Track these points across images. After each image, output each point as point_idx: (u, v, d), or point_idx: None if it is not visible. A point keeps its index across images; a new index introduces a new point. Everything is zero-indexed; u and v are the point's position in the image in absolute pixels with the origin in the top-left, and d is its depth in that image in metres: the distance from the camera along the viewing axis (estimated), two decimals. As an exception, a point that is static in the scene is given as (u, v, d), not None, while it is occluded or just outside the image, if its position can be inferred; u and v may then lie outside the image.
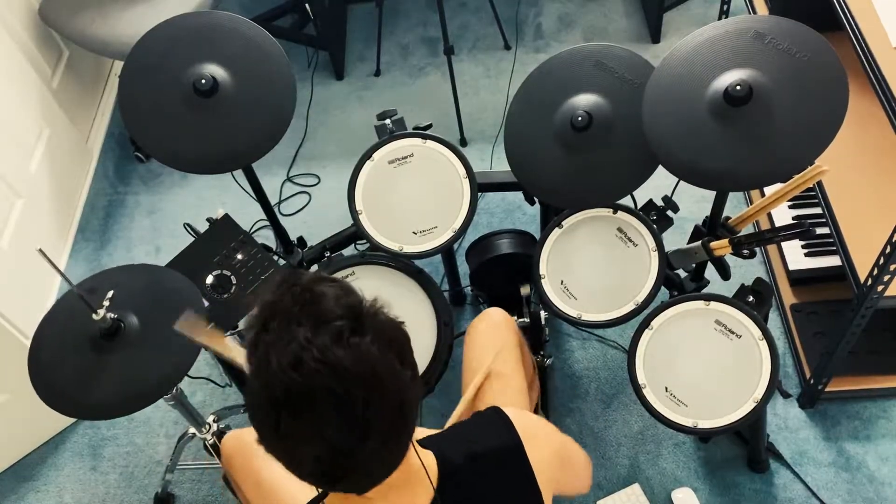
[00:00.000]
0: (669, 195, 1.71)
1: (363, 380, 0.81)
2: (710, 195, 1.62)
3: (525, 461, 1.06)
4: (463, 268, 2.21)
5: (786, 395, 2.04)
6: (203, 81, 1.60)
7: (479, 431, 1.10)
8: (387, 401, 0.84)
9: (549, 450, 1.12)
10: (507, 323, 1.60)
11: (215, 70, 1.63)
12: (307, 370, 0.79)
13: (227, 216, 1.78)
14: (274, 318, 0.83)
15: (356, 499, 0.95)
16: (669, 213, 1.71)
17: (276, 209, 2.11)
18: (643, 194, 1.72)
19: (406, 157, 1.76)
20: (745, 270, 2.21)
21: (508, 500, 1.07)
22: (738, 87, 1.37)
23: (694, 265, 1.74)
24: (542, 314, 1.80)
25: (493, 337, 1.55)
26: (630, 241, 1.65)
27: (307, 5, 2.76)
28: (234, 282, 1.71)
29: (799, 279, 2.10)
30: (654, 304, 1.61)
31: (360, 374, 0.81)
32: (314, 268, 1.97)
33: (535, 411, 1.78)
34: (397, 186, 1.75)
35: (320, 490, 0.99)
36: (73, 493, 2.10)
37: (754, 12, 2.17)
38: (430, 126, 1.81)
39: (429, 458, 1.01)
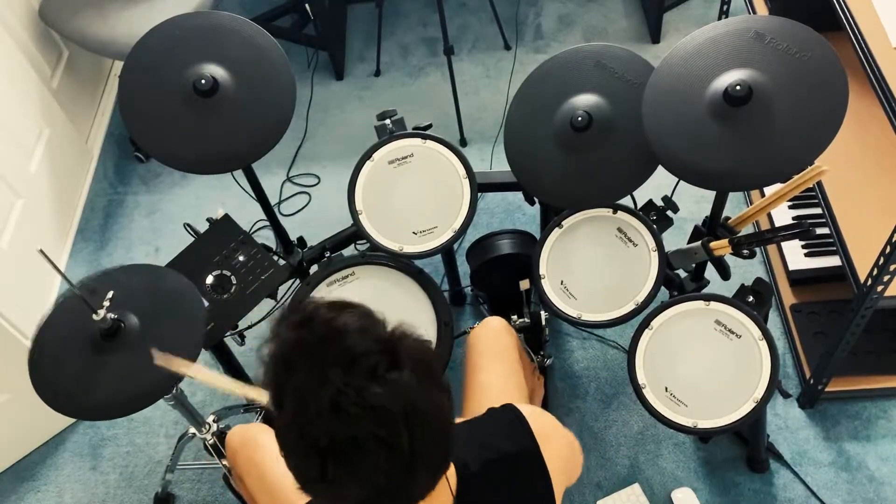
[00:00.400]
0: (669, 195, 1.71)
1: (406, 417, 0.79)
2: (710, 195, 1.62)
3: (541, 464, 1.06)
4: (463, 268, 2.21)
5: (786, 395, 2.04)
6: (203, 81, 1.60)
7: (496, 434, 1.09)
8: (431, 432, 0.82)
9: (561, 449, 1.12)
10: (507, 329, 1.62)
11: (215, 70, 1.63)
12: (349, 416, 0.76)
13: (227, 216, 1.78)
14: (297, 358, 0.80)
15: None
16: (669, 213, 1.71)
17: (276, 209, 2.11)
18: (643, 194, 1.72)
19: (406, 158, 1.76)
20: (745, 270, 2.21)
21: (523, 501, 1.06)
22: (738, 87, 1.37)
23: (694, 265, 1.74)
24: (542, 314, 1.80)
25: (494, 343, 1.57)
26: (630, 241, 1.65)
27: (307, 5, 2.76)
28: (234, 282, 1.71)
29: (799, 279, 2.10)
30: (654, 304, 1.61)
31: (402, 413, 0.78)
32: (314, 268, 1.97)
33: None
34: (397, 186, 1.75)
35: None
36: (73, 493, 2.10)
37: (754, 12, 2.17)
38: (430, 126, 1.81)
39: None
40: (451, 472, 0.99)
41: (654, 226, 1.64)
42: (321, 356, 0.79)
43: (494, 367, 1.52)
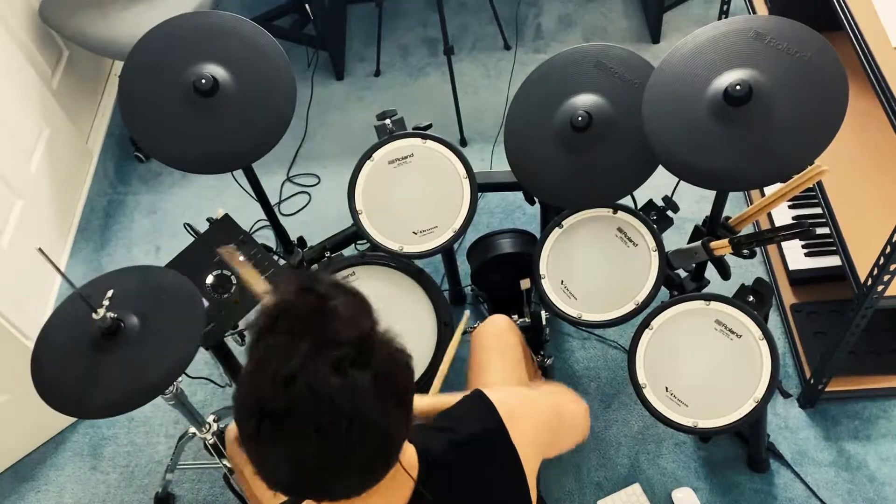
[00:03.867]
0: (669, 195, 1.71)
1: (350, 417, 0.80)
2: (710, 195, 1.62)
3: (507, 440, 1.07)
4: (463, 267, 2.21)
5: (786, 395, 2.04)
6: (203, 81, 1.60)
7: (462, 418, 1.10)
8: (371, 438, 0.83)
9: (532, 423, 1.12)
10: (511, 327, 1.62)
11: (215, 70, 1.63)
12: (297, 392, 0.79)
13: (227, 216, 1.78)
14: (281, 319, 0.82)
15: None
16: (669, 213, 1.71)
17: (276, 209, 2.11)
18: (643, 194, 1.72)
19: (406, 157, 1.76)
20: (745, 270, 2.21)
21: (492, 482, 1.07)
22: (738, 87, 1.37)
23: (694, 265, 1.74)
24: (543, 314, 1.80)
25: (497, 340, 1.57)
26: (630, 241, 1.65)
27: (307, 5, 2.76)
28: (234, 282, 1.71)
29: (799, 279, 2.10)
30: (654, 304, 1.61)
31: (349, 412, 0.80)
32: (314, 268, 1.97)
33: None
34: (397, 186, 1.75)
35: None
36: (73, 493, 2.10)
37: (754, 12, 2.17)
38: (430, 126, 1.81)
39: (409, 451, 1.00)
40: (413, 458, 1.00)
41: (655, 226, 1.64)
42: (301, 327, 0.81)
43: (498, 366, 1.52)
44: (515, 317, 1.77)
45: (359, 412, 0.81)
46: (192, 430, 1.81)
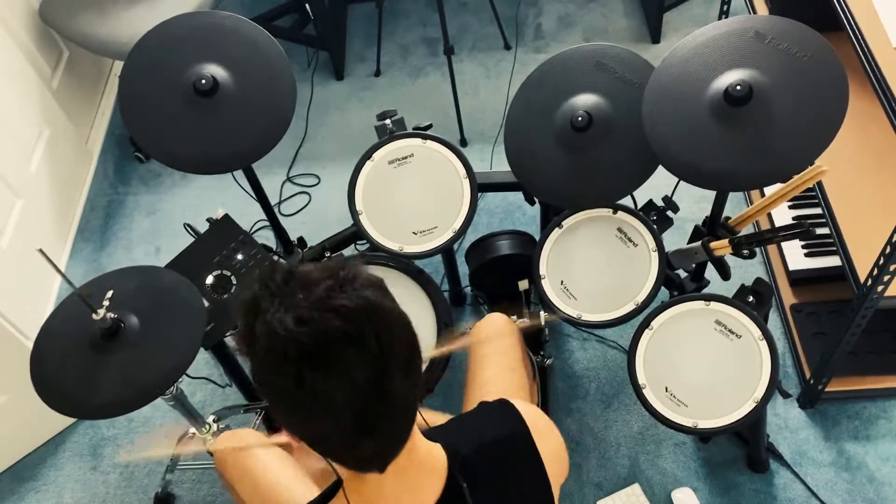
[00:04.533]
0: (669, 195, 1.71)
1: (367, 315, 0.82)
2: (710, 195, 1.62)
3: (534, 448, 1.07)
4: (463, 268, 2.21)
5: (786, 395, 2.04)
6: (203, 81, 1.60)
7: (488, 422, 1.10)
8: (396, 329, 0.86)
9: (556, 444, 1.12)
10: (509, 326, 1.61)
11: (215, 70, 1.63)
12: (314, 321, 0.80)
13: (227, 216, 1.78)
14: (262, 300, 0.83)
15: (372, 485, 0.95)
16: (669, 213, 1.71)
17: (276, 209, 2.11)
18: (643, 194, 1.72)
19: (406, 157, 1.76)
20: (745, 270, 2.21)
21: (519, 485, 1.07)
22: (738, 87, 1.37)
23: (694, 265, 1.74)
24: (542, 314, 1.80)
25: (496, 340, 1.56)
26: (630, 241, 1.65)
27: (307, 5, 2.76)
28: (234, 282, 1.71)
29: (799, 279, 2.10)
30: (654, 304, 1.61)
31: (364, 310, 0.82)
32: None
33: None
34: (397, 186, 1.75)
35: (338, 476, 0.98)
36: (73, 493, 2.10)
37: (754, 12, 2.17)
38: (430, 126, 1.81)
39: (436, 449, 1.01)
40: (441, 455, 1.00)
41: (654, 226, 1.64)
42: (283, 292, 0.83)
43: (497, 365, 1.51)
44: (514, 317, 1.77)
45: (373, 311, 0.83)
46: (192, 430, 1.81)
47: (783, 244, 2.13)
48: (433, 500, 0.98)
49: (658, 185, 1.65)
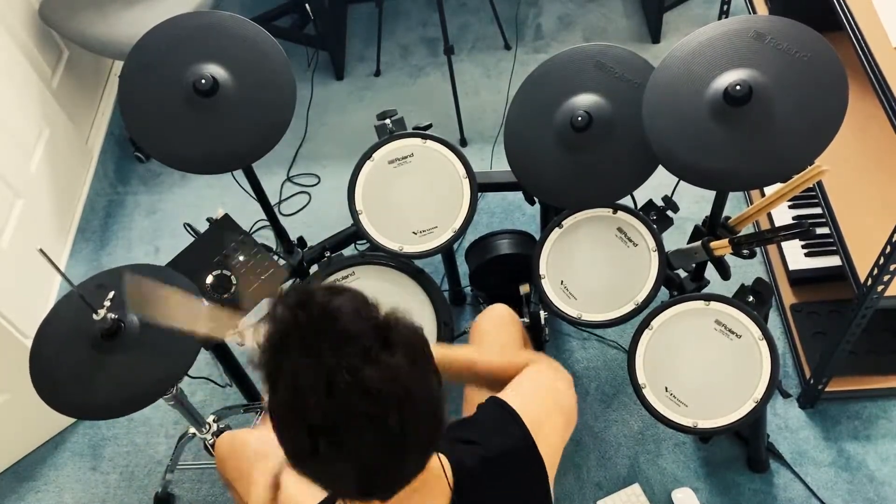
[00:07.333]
0: (669, 195, 1.71)
1: (397, 399, 0.80)
2: (710, 195, 1.62)
3: (537, 458, 1.07)
4: (463, 268, 2.21)
5: (786, 395, 2.04)
6: (203, 81, 1.60)
7: (490, 431, 1.09)
8: (422, 414, 0.83)
9: (555, 431, 1.13)
10: (511, 318, 1.60)
11: (215, 70, 1.63)
12: (342, 395, 0.78)
13: (227, 216, 1.79)
14: (291, 339, 0.81)
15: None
16: (669, 213, 1.71)
17: (276, 209, 2.11)
18: (643, 194, 1.72)
19: (406, 157, 1.76)
20: (745, 270, 2.21)
21: (521, 496, 1.07)
22: (738, 87, 1.37)
23: (694, 265, 1.74)
24: (542, 314, 1.80)
25: (498, 332, 1.55)
26: (630, 241, 1.65)
27: (307, 5, 2.76)
28: (234, 282, 1.71)
29: (799, 279, 2.10)
30: (654, 304, 1.61)
31: (394, 394, 0.80)
32: (314, 268, 1.97)
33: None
34: (397, 186, 1.76)
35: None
36: (73, 493, 2.10)
37: (754, 12, 2.17)
38: (430, 126, 1.81)
39: (444, 462, 1.00)
40: (448, 467, 1.00)
41: (654, 226, 1.64)
42: (315, 336, 0.80)
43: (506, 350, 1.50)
44: (515, 316, 1.77)
45: (405, 391, 0.81)
46: (192, 430, 1.82)
47: (783, 244, 2.13)
48: None
49: (658, 185, 1.65)
